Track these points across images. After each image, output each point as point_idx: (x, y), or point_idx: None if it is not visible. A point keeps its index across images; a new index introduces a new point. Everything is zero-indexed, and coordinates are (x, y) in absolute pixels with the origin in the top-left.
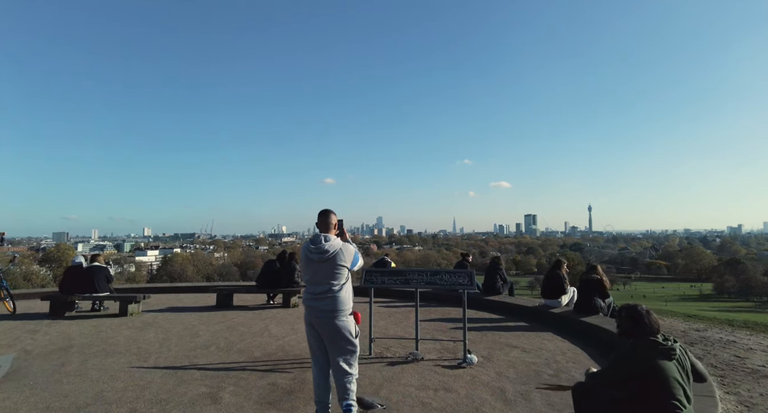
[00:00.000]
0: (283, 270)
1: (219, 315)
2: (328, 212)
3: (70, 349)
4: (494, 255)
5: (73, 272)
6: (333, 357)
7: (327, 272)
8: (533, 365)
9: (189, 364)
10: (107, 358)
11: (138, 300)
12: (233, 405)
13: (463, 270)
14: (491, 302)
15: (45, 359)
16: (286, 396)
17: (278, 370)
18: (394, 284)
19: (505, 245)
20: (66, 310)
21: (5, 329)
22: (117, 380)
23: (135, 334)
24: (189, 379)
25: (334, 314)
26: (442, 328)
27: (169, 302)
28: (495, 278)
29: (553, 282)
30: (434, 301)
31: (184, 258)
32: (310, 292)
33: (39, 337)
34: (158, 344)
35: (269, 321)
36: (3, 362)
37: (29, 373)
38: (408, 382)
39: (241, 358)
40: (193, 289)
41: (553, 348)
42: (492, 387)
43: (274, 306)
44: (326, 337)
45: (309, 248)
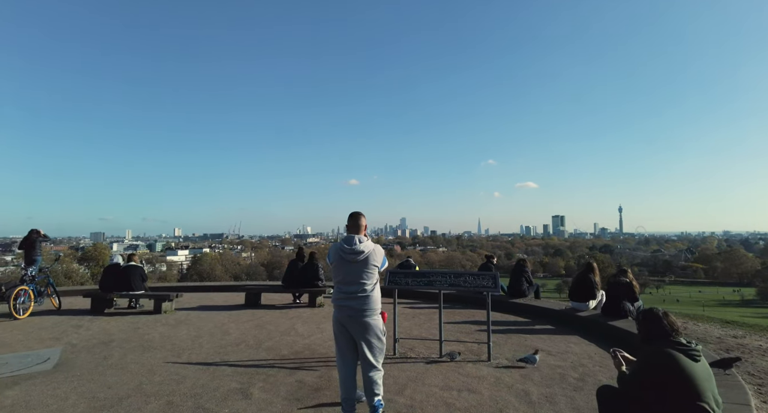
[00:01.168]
0: (306, 270)
1: (248, 313)
2: (359, 215)
3: (110, 344)
4: (520, 257)
5: (111, 271)
6: (363, 354)
7: (360, 272)
8: (558, 368)
9: (220, 361)
10: (144, 353)
11: (171, 299)
12: (263, 401)
13: (487, 272)
14: (516, 304)
15: (89, 352)
16: (313, 393)
17: (305, 368)
18: (417, 286)
19: (531, 247)
20: (105, 307)
21: (53, 323)
22: (154, 374)
23: (169, 331)
24: (221, 375)
25: (366, 312)
26: (466, 330)
27: (200, 300)
28: (520, 280)
29: (584, 286)
30: (458, 303)
31: (213, 258)
32: (343, 292)
33: (82, 332)
34: (191, 341)
35: (296, 320)
36: (53, 354)
37: (76, 365)
38: (432, 382)
39: (269, 356)
40: (223, 288)
41: (579, 351)
42: (516, 390)
43: (300, 306)
44: (357, 335)
45: (343, 248)
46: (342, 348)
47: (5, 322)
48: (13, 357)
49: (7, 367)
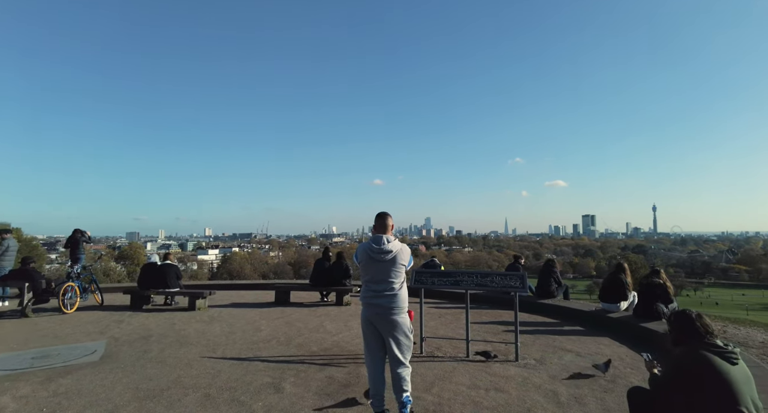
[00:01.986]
0: (334, 269)
1: (278, 311)
2: (386, 215)
3: (149, 338)
4: (548, 257)
5: (149, 270)
6: (390, 351)
7: (388, 271)
8: (588, 369)
9: (253, 356)
10: (181, 348)
11: (204, 296)
12: (294, 395)
13: (514, 273)
14: (545, 305)
15: (130, 346)
16: (342, 389)
17: (334, 364)
18: (443, 286)
19: (561, 247)
20: (143, 303)
21: (97, 318)
22: (191, 367)
23: (203, 327)
24: (254, 370)
25: (394, 311)
26: (493, 330)
27: (231, 298)
28: (549, 280)
29: (614, 287)
30: (485, 303)
31: (242, 257)
32: (371, 290)
33: (123, 326)
34: (224, 337)
35: (324, 318)
36: (98, 347)
37: (119, 357)
38: (459, 381)
39: (299, 352)
40: (253, 286)
41: (610, 353)
42: (544, 390)
43: (327, 304)
44: (386, 332)
45: (371, 248)
46: (370, 346)
47: (55, 316)
48: (65, 349)
49: (60, 357)
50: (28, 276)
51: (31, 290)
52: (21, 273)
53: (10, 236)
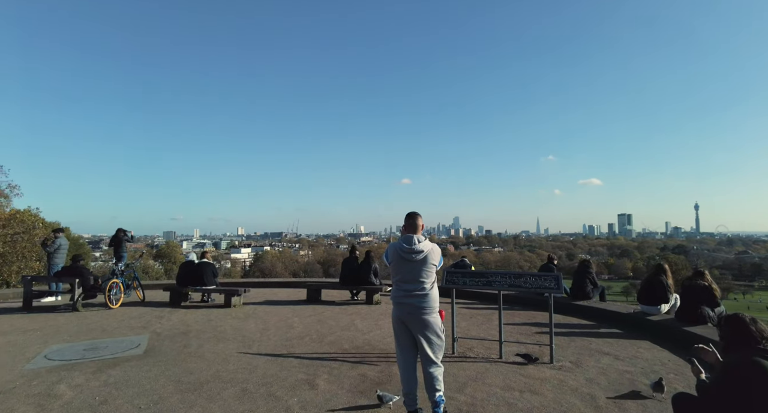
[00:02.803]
0: (362, 268)
1: (309, 308)
2: (416, 215)
3: (188, 334)
4: (583, 258)
5: (187, 268)
6: (422, 351)
7: (419, 271)
8: (627, 373)
9: (287, 352)
10: (218, 343)
11: (240, 294)
12: (328, 392)
13: (549, 273)
14: (580, 307)
15: (171, 340)
16: (375, 387)
17: (366, 362)
18: (475, 286)
19: (595, 247)
20: (181, 300)
21: (139, 314)
22: (229, 363)
23: (239, 323)
24: (288, 366)
25: (426, 310)
26: (526, 332)
27: (264, 295)
28: (584, 282)
29: (654, 288)
30: (518, 304)
31: (273, 256)
32: (402, 290)
33: (164, 322)
34: (259, 333)
35: (354, 316)
36: (142, 341)
37: (161, 351)
38: (492, 382)
39: (332, 349)
40: (285, 284)
41: (650, 357)
42: (581, 393)
43: (358, 303)
44: (417, 332)
45: (402, 248)
46: (402, 345)
47: (102, 311)
48: (112, 342)
49: (108, 350)
50: (78, 273)
51: (81, 286)
52: (72, 270)
53: (62, 235)
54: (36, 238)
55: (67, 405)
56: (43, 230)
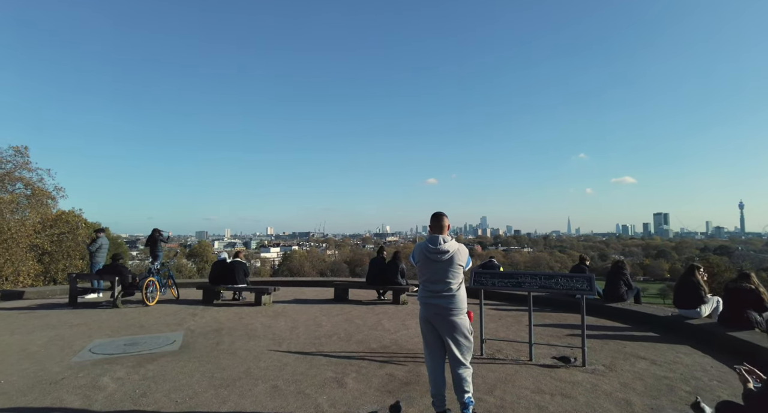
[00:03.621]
0: (389, 268)
1: (337, 307)
2: (442, 215)
3: (221, 331)
4: (617, 259)
5: (219, 266)
6: (451, 352)
7: (445, 271)
8: (665, 379)
9: (316, 351)
10: (250, 341)
11: (270, 292)
12: (357, 390)
13: (581, 274)
14: (614, 309)
15: (204, 337)
16: (403, 387)
17: (394, 362)
18: (505, 287)
19: (629, 248)
20: (214, 298)
21: (174, 311)
22: (260, 360)
23: (269, 321)
24: (317, 364)
25: (453, 311)
26: (557, 334)
27: (293, 294)
28: (618, 283)
29: (687, 290)
30: (548, 306)
31: (301, 255)
32: (429, 290)
33: (198, 319)
34: (289, 331)
35: (382, 316)
36: (177, 337)
37: (195, 348)
38: (522, 385)
39: (359, 348)
40: (313, 283)
41: (690, 362)
42: (615, 398)
43: (384, 302)
44: (445, 333)
45: (428, 248)
46: (430, 345)
47: (140, 308)
48: (149, 338)
49: (146, 345)
50: (117, 271)
51: (120, 283)
52: (112, 268)
53: (102, 235)
54: (79, 238)
55: (110, 396)
56: (85, 230)
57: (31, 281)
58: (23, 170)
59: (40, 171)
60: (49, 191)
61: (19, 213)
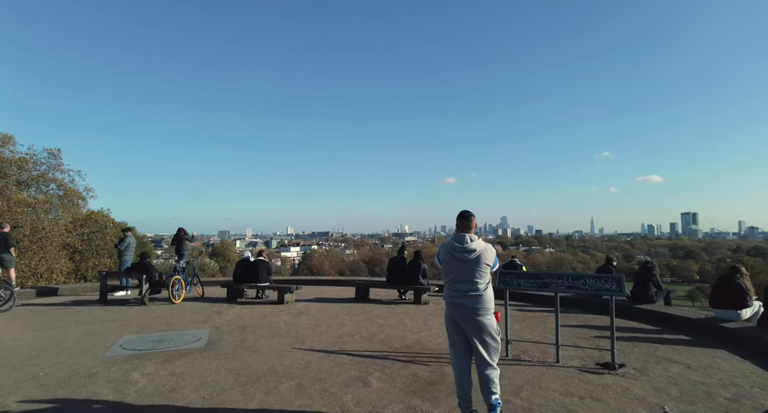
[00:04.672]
0: (410, 268)
1: (358, 307)
2: (469, 214)
3: (245, 329)
4: (646, 260)
5: (243, 265)
6: (477, 353)
7: (472, 270)
8: (702, 385)
9: (339, 349)
10: (273, 339)
11: (292, 291)
12: (381, 390)
13: (610, 275)
14: (643, 311)
15: (229, 335)
16: (428, 387)
17: (417, 362)
18: (531, 288)
19: (655, 248)
20: (237, 296)
21: (200, 309)
22: (284, 358)
23: (292, 320)
24: (341, 363)
25: (480, 312)
26: (583, 335)
27: (315, 293)
28: (647, 284)
29: (729, 291)
30: (573, 307)
31: (320, 254)
32: (455, 290)
33: (222, 317)
34: (311, 329)
35: (403, 316)
36: (203, 335)
37: (221, 345)
38: (550, 387)
39: (382, 348)
40: (333, 282)
41: (729, 368)
42: (648, 403)
43: (405, 302)
44: (471, 334)
45: (454, 247)
46: (456, 346)
47: (166, 305)
48: (176, 335)
49: (173, 342)
50: (145, 270)
51: (148, 281)
52: (139, 267)
53: (130, 234)
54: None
55: (141, 391)
56: (113, 230)
57: (64, 279)
58: (56, 171)
59: (72, 172)
60: (80, 192)
61: (52, 213)
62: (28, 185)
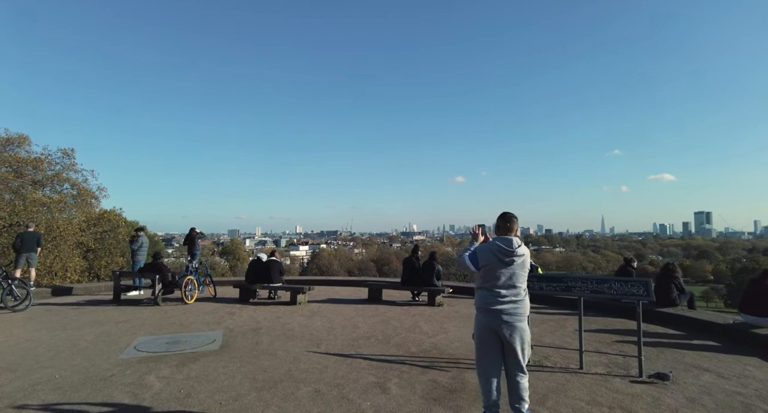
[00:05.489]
0: (425, 269)
1: (372, 308)
2: (512, 217)
3: (259, 330)
4: (667, 262)
5: (255, 265)
6: (513, 359)
7: (518, 275)
8: (738, 395)
9: (355, 353)
10: (288, 341)
11: (305, 291)
12: (401, 397)
13: (637, 279)
14: (665, 314)
15: (243, 337)
16: (449, 395)
17: (436, 367)
18: (553, 291)
19: (668, 248)
20: (250, 297)
21: (212, 309)
22: (299, 361)
23: (306, 321)
24: (357, 367)
25: (521, 317)
26: (605, 340)
27: (326, 294)
28: (669, 286)
29: (761, 296)
30: (591, 310)
31: (329, 253)
32: (497, 295)
33: (236, 318)
34: (326, 332)
35: (418, 318)
36: (217, 336)
37: (235, 348)
38: (576, 395)
39: (398, 352)
40: (345, 283)
41: (764, 377)
42: None
43: (419, 304)
44: (512, 340)
45: (501, 249)
46: (491, 354)
47: (179, 306)
48: (190, 336)
49: (188, 344)
50: (158, 270)
51: (161, 282)
52: (153, 267)
53: (143, 233)
54: (120, 236)
55: (157, 395)
56: (125, 229)
57: (77, 277)
58: (70, 171)
59: (85, 172)
60: (93, 191)
61: (66, 212)
62: (43, 184)
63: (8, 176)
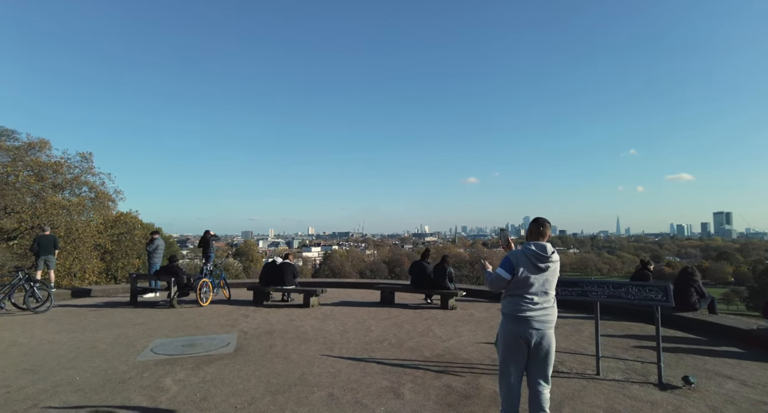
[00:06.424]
0: (437, 272)
1: (384, 311)
2: (546, 222)
3: (273, 333)
4: (686, 266)
5: (269, 268)
6: (542, 368)
7: (551, 282)
8: (764, 405)
9: (368, 357)
10: (301, 344)
11: (318, 294)
12: (415, 403)
13: (656, 283)
14: (685, 319)
15: (257, 340)
16: (463, 401)
17: (450, 372)
18: (569, 296)
19: (685, 249)
20: (263, 299)
21: (227, 312)
22: (313, 365)
23: (318, 324)
24: (371, 372)
25: (552, 325)
26: (622, 345)
27: (339, 296)
28: (689, 290)
29: None
30: (606, 313)
31: (341, 255)
32: (530, 302)
33: (249, 321)
34: (339, 335)
35: (431, 322)
36: (231, 339)
37: (249, 351)
38: (593, 402)
39: (412, 356)
40: (357, 285)
41: None
42: None
43: (432, 307)
44: (542, 348)
45: (537, 255)
46: (517, 362)
47: (194, 308)
48: (205, 339)
49: (202, 347)
50: (173, 272)
51: (176, 284)
52: (168, 269)
53: (158, 236)
54: (136, 238)
55: (174, 398)
56: (141, 231)
57: (95, 278)
58: (88, 174)
59: (102, 175)
60: (110, 194)
61: (84, 215)
62: (62, 187)
63: (30, 179)
